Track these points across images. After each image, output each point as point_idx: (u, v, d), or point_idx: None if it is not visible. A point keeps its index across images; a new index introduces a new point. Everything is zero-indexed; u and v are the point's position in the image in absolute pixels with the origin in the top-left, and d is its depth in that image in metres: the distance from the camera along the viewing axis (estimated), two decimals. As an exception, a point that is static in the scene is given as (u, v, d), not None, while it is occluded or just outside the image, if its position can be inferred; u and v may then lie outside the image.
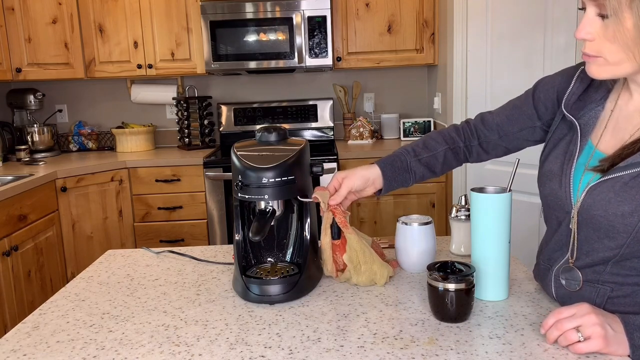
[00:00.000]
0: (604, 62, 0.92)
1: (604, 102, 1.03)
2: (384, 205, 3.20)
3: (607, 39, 0.89)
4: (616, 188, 0.93)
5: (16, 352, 0.98)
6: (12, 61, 3.22)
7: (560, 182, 1.03)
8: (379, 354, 0.92)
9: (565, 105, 1.07)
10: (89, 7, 3.29)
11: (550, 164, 1.08)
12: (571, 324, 0.89)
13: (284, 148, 1.19)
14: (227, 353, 0.94)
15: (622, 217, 0.92)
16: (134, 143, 3.53)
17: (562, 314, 0.91)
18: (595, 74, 0.95)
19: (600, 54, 0.92)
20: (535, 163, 1.16)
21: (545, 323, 0.93)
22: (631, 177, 0.92)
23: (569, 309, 0.91)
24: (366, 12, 3.33)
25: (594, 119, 1.03)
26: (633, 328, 0.88)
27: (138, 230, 3.21)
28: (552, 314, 0.92)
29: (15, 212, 2.52)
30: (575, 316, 0.89)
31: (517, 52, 2.61)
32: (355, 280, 1.21)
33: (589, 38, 0.91)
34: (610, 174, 0.94)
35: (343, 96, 3.67)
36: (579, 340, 0.87)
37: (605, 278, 0.97)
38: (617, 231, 0.93)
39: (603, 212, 0.94)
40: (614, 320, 0.89)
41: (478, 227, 1.09)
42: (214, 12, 3.20)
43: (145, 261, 1.45)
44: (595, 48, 0.92)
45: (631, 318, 0.89)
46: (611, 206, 0.93)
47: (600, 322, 0.87)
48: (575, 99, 1.06)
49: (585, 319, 0.88)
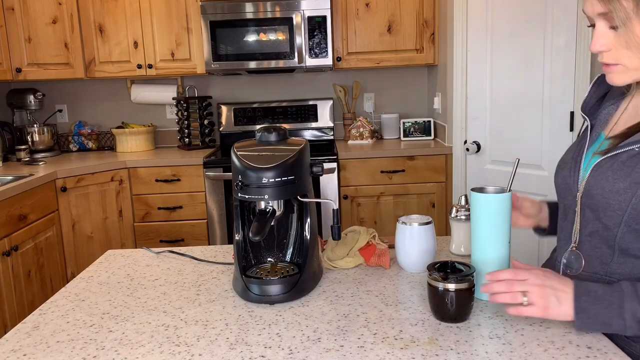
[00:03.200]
0: (623, 69, 0.96)
1: (619, 102, 1.08)
2: (384, 205, 3.20)
3: (622, 47, 0.93)
4: (614, 167, 0.97)
5: (16, 352, 0.98)
6: (12, 61, 3.22)
7: (570, 169, 1.08)
8: (379, 354, 0.92)
9: (583, 108, 1.13)
10: (89, 7, 3.29)
11: (565, 156, 1.14)
12: (521, 287, 0.94)
13: (284, 148, 1.19)
14: (227, 353, 0.94)
15: (617, 194, 0.95)
16: (134, 143, 3.53)
17: (517, 276, 0.95)
18: (617, 81, 0.98)
19: (619, 62, 0.95)
20: (535, 163, 1.17)
21: (497, 275, 0.97)
22: (629, 156, 0.95)
23: (524, 273, 0.96)
24: (366, 12, 3.33)
25: (607, 115, 1.08)
26: (582, 292, 0.92)
27: (138, 230, 3.21)
28: (508, 271, 0.97)
29: (15, 212, 2.52)
30: (527, 282, 0.94)
31: (517, 52, 2.61)
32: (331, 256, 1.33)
33: (605, 49, 0.95)
34: (610, 153, 0.98)
35: (343, 96, 3.67)
36: (522, 303, 0.93)
37: (613, 269, 0.99)
38: (613, 209, 0.96)
39: (601, 190, 0.98)
40: (565, 287, 0.93)
41: (478, 227, 1.09)
42: (214, 12, 3.20)
43: (145, 261, 1.45)
44: (612, 57, 0.95)
45: (584, 283, 0.93)
46: (608, 183, 0.97)
47: (546, 294, 0.93)
48: (594, 102, 1.11)
49: (535, 289, 0.93)
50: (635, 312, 0.88)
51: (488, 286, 0.98)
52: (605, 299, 0.90)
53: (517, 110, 2.66)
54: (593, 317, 0.90)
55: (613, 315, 0.89)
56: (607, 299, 0.90)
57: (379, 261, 1.31)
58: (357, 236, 1.35)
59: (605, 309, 0.90)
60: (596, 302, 0.91)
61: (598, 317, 0.90)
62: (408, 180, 3.18)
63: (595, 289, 0.92)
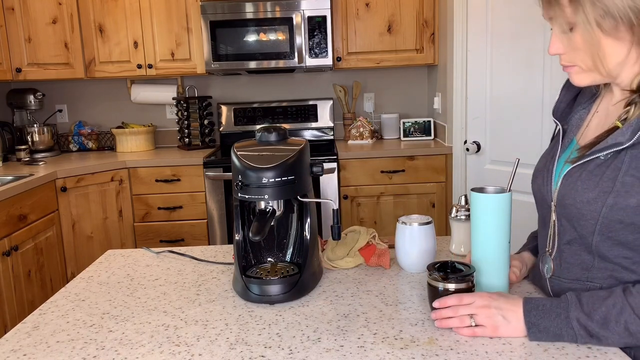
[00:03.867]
0: (579, 70, 0.98)
1: (590, 105, 1.08)
2: (384, 205, 3.20)
3: (573, 49, 0.96)
4: (583, 176, 0.97)
5: (16, 352, 0.98)
6: (12, 61, 3.22)
7: (543, 177, 1.08)
8: (379, 354, 0.92)
9: (554, 113, 1.13)
10: (89, 7, 3.29)
11: (538, 164, 1.14)
12: (467, 310, 0.97)
13: (284, 148, 1.19)
14: (227, 353, 0.94)
15: (587, 204, 0.95)
16: (134, 143, 3.53)
17: (462, 301, 0.98)
18: (577, 81, 1.00)
19: (574, 63, 0.98)
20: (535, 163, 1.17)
21: (444, 301, 0.99)
22: (596, 164, 0.96)
23: (469, 297, 0.98)
24: (366, 12, 3.33)
25: (579, 120, 1.09)
26: (531, 307, 0.94)
27: (138, 230, 3.21)
28: (454, 297, 0.99)
29: (15, 212, 2.52)
30: (473, 305, 0.97)
31: (517, 52, 2.61)
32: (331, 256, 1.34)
33: (560, 52, 0.98)
34: (578, 162, 0.98)
35: (343, 96, 3.67)
36: (471, 325, 0.96)
37: (594, 275, 0.99)
38: (585, 218, 0.96)
39: (572, 201, 0.98)
40: (513, 307, 0.95)
41: (478, 227, 1.09)
42: (214, 12, 3.20)
43: (145, 261, 1.45)
44: (567, 59, 0.98)
45: (533, 299, 0.96)
46: (578, 194, 0.97)
47: (493, 314, 0.95)
48: (564, 106, 1.12)
49: (481, 310, 0.96)
50: (580, 320, 0.91)
51: (436, 313, 1.00)
52: (553, 311, 0.93)
53: (517, 110, 2.66)
54: (544, 330, 0.93)
55: (562, 325, 0.92)
56: (554, 311, 0.93)
57: (379, 261, 1.31)
58: (357, 236, 1.35)
59: (554, 320, 0.92)
60: (545, 315, 0.93)
61: (549, 330, 0.92)
62: (408, 180, 3.18)
63: (544, 302, 0.95)
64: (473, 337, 0.96)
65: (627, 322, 0.88)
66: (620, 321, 0.88)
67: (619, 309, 0.89)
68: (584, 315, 0.91)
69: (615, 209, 0.92)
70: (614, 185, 0.92)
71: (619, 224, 0.93)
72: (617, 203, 0.91)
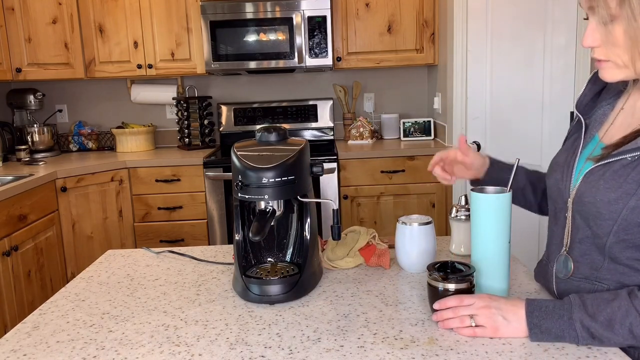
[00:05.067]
0: (613, 66, 0.95)
1: (615, 101, 1.06)
2: (384, 205, 3.20)
3: (611, 44, 0.92)
4: (606, 176, 0.95)
5: (16, 352, 0.98)
6: (12, 61, 3.21)
7: (562, 172, 1.07)
8: (379, 354, 0.92)
9: (577, 106, 1.11)
10: (89, 7, 3.29)
11: (557, 157, 1.13)
12: (467, 311, 0.97)
13: (284, 148, 1.19)
14: (227, 353, 0.94)
15: (608, 204, 0.94)
16: (134, 143, 3.53)
17: (463, 302, 0.98)
18: (608, 77, 0.97)
19: (608, 58, 0.94)
20: (535, 163, 1.17)
21: (444, 302, 0.99)
22: (621, 165, 0.94)
23: (470, 298, 0.98)
24: (366, 12, 3.33)
25: (602, 116, 1.06)
26: (534, 308, 0.95)
27: (138, 230, 3.21)
28: (454, 298, 0.99)
29: (15, 212, 2.52)
30: (473, 306, 0.97)
31: (517, 52, 2.61)
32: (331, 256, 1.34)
33: (595, 45, 0.94)
34: (602, 161, 0.97)
35: (343, 96, 3.67)
36: (471, 325, 0.96)
37: (602, 275, 0.98)
38: (604, 218, 0.95)
39: (592, 199, 0.97)
40: (514, 308, 0.96)
41: (478, 227, 1.09)
42: (214, 12, 3.20)
43: (145, 261, 1.45)
44: (602, 53, 0.95)
45: (535, 300, 0.96)
46: (599, 193, 0.95)
47: (493, 314, 0.96)
48: (588, 100, 1.10)
49: (481, 311, 0.96)
50: (583, 321, 0.90)
51: (437, 314, 1.01)
52: (556, 313, 0.93)
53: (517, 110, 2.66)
54: (546, 332, 0.93)
55: (564, 327, 0.92)
56: (557, 313, 0.93)
57: (379, 261, 1.31)
58: (357, 236, 1.35)
59: (556, 322, 0.92)
60: (547, 316, 0.93)
61: (551, 331, 0.92)
62: (408, 180, 3.18)
63: (547, 304, 0.95)
64: (473, 337, 0.96)
65: (632, 324, 0.88)
66: (625, 324, 0.88)
67: (625, 312, 0.89)
68: (587, 317, 0.90)
69: (636, 211, 0.91)
70: (638, 187, 0.91)
71: (637, 227, 0.92)
72: (639, 206, 0.90)
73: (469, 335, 0.96)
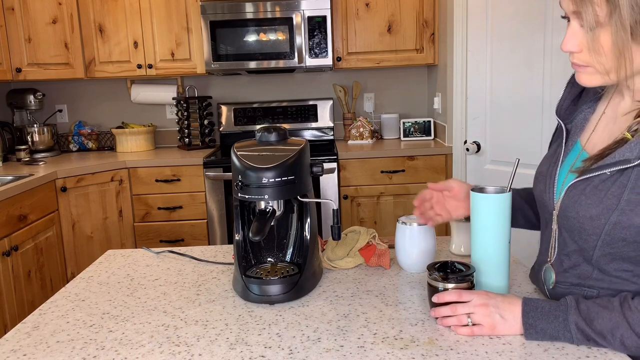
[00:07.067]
0: (593, 71, 0.92)
1: (595, 105, 1.04)
2: (384, 205, 3.20)
3: (595, 51, 0.89)
4: (587, 191, 0.94)
5: (16, 352, 0.98)
6: (12, 61, 3.21)
7: (545, 183, 1.05)
8: (379, 354, 0.92)
9: (557, 111, 1.09)
10: (89, 7, 3.29)
11: (540, 167, 1.11)
12: (465, 309, 0.97)
13: (284, 148, 1.19)
14: (227, 353, 0.94)
15: (590, 220, 0.93)
16: (134, 143, 3.53)
17: (461, 297, 0.99)
18: (586, 81, 0.95)
19: (589, 64, 0.91)
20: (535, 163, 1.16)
21: (442, 296, 1.00)
22: (601, 180, 0.93)
23: (468, 294, 0.99)
24: (366, 12, 3.33)
25: (583, 121, 1.05)
26: (530, 309, 0.95)
27: (138, 230, 3.21)
28: (453, 293, 1.00)
29: (15, 212, 2.52)
30: (471, 304, 0.97)
31: (517, 52, 2.61)
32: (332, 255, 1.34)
33: (577, 50, 0.91)
34: (583, 176, 0.95)
35: (343, 96, 3.67)
36: (468, 324, 0.97)
37: (591, 283, 0.98)
38: (588, 233, 0.94)
39: (575, 214, 0.96)
40: (511, 306, 0.96)
41: (478, 227, 1.09)
42: (214, 12, 3.20)
43: (145, 261, 1.45)
44: (582, 59, 0.91)
45: (532, 300, 0.96)
46: (581, 208, 0.95)
47: (490, 313, 0.96)
48: (568, 104, 1.08)
49: (478, 309, 0.97)
50: (578, 324, 0.91)
51: (435, 310, 1.01)
52: (552, 314, 0.93)
53: (517, 110, 2.66)
54: (541, 332, 0.93)
55: (559, 328, 0.92)
56: (553, 314, 0.93)
57: (379, 261, 1.31)
58: (357, 236, 1.35)
59: (552, 323, 0.92)
60: (543, 317, 0.93)
61: (546, 331, 0.93)
62: (408, 180, 3.18)
63: (543, 304, 0.95)
64: (472, 336, 0.96)
65: (623, 336, 0.87)
66: (617, 335, 0.88)
67: (615, 324, 0.88)
68: (582, 321, 0.90)
69: (618, 227, 0.90)
70: (618, 202, 0.89)
71: (621, 241, 0.91)
72: (621, 221, 0.89)
73: (466, 334, 0.96)
